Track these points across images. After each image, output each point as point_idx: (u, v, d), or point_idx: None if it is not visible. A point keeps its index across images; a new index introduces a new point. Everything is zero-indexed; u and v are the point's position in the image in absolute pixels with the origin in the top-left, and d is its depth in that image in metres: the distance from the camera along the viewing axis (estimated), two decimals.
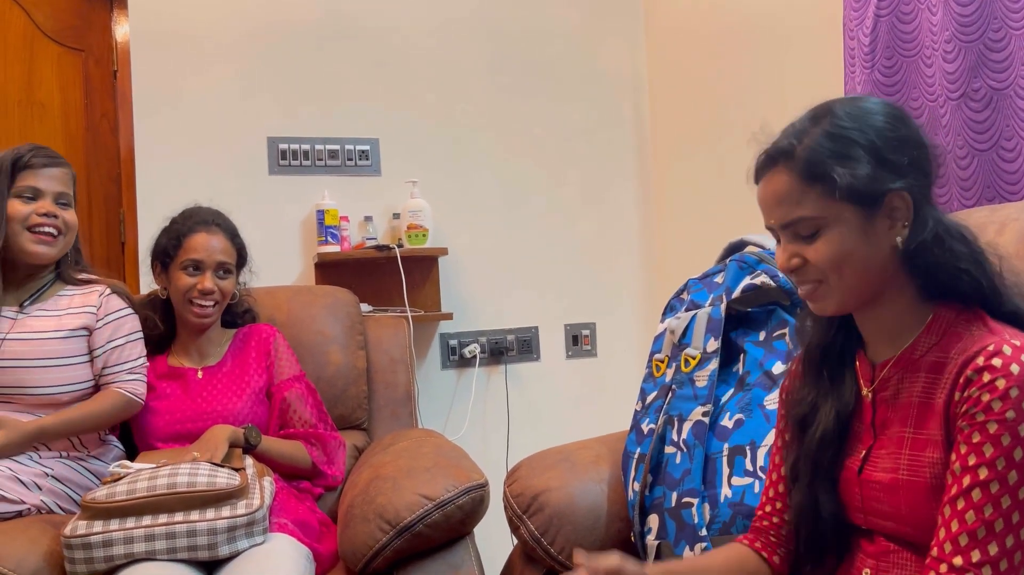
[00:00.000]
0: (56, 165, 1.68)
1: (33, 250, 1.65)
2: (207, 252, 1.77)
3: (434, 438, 1.86)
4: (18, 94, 2.39)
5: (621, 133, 2.89)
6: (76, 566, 1.35)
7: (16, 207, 1.63)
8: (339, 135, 2.59)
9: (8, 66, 2.37)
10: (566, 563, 1.46)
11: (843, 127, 0.95)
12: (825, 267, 0.96)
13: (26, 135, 2.38)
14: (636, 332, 2.87)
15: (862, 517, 1.01)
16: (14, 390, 1.63)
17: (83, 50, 2.51)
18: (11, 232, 1.62)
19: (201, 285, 1.75)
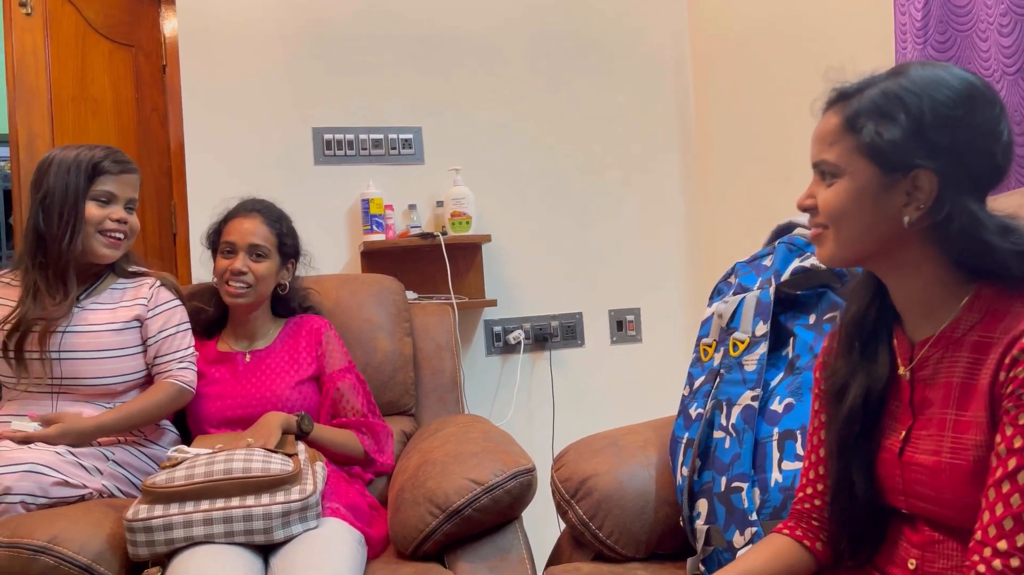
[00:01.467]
0: (129, 171, 1.74)
1: (102, 252, 1.71)
2: (240, 234, 1.83)
3: (481, 423, 1.87)
4: (72, 90, 2.45)
5: (664, 115, 2.86)
6: (138, 548, 1.39)
7: (92, 210, 1.69)
8: (382, 124, 2.60)
9: (62, 63, 2.43)
10: (615, 547, 1.47)
11: (903, 88, 0.93)
12: (827, 214, 0.97)
13: (80, 130, 2.45)
14: (681, 317, 2.85)
15: (904, 500, 0.99)
16: (71, 381, 1.68)
17: (133, 45, 2.57)
18: (84, 233, 1.68)
19: (232, 266, 1.81)
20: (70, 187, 1.67)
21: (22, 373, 1.65)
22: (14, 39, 2.32)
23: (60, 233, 1.66)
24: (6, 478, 1.43)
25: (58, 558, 1.34)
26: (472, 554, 1.51)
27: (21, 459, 1.47)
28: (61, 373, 1.67)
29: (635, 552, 1.47)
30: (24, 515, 1.42)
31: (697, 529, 1.37)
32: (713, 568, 1.33)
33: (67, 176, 1.68)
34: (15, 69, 2.30)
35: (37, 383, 1.67)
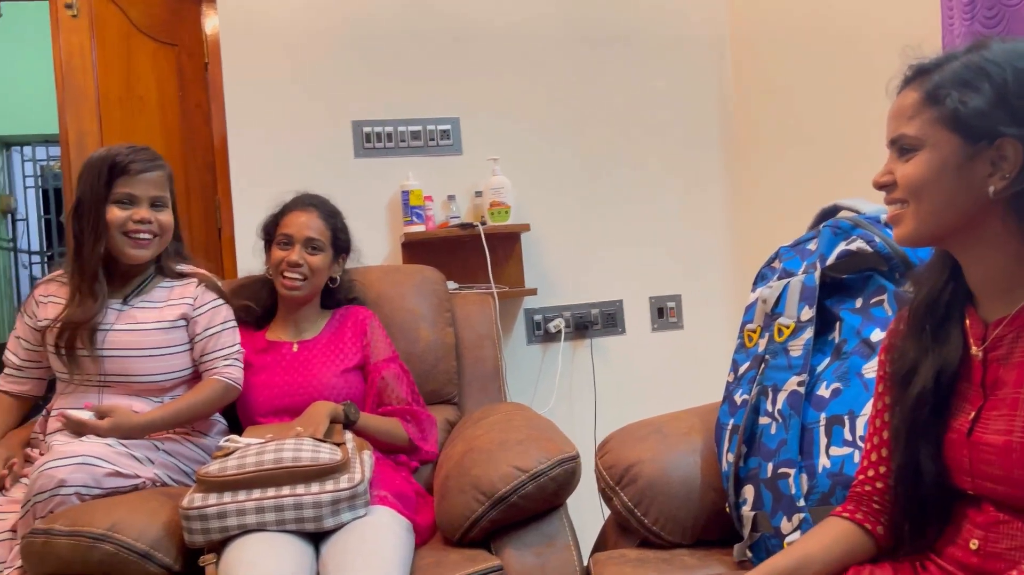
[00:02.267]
0: (151, 169, 1.72)
1: (130, 253, 1.72)
2: (297, 227, 1.86)
3: (524, 411, 1.88)
4: (119, 90, 2.50)
5: (704, 99, 2.83)
6: (194, 536, 1.43)
7: (114, 213, 1.69)
8: (421, 115, 2.62)
9: (108, 63, 2.49)
10: (660, 533, 1.47)
11: (986, 59, 0.92)
12: (907, 188, 0.95)
13: (127, 128, 2.50)
14: (723, 303, 2.83)
15: (970, 481, 0.98)
16: (120, 377, 1.72)
17: (176, 44, 2.61)
18: (109, 236, 1.70)
19: (289, 257, 1.84)
20: (93, 191, 1.69)
21: (74, 370, 1.70)
22: (61, 40, 2.38)
23: (88, 238, 1.69)
24: (60, 471, 1.47)
25: (118, 545, 1.38)
26: (518, 541, 1.53)
27: (74, 452, 1.51)
28: (110, 370, 1.71)
29: (681, 538, 1.47)
30: (84, 504, 1.47)
31: (743, 515, 1.37)
32: (761, 554, 1.32)
33: (91, 180, 1.69)
34: (63, 70, 2.36)
35: (88, 379, 1.72)
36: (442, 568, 1.45)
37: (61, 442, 1.60)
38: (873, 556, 1.10)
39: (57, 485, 1.46)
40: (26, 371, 1.81)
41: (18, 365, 1.80)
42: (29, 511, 1.49)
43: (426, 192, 2.54)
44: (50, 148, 5.15)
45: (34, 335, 1.77)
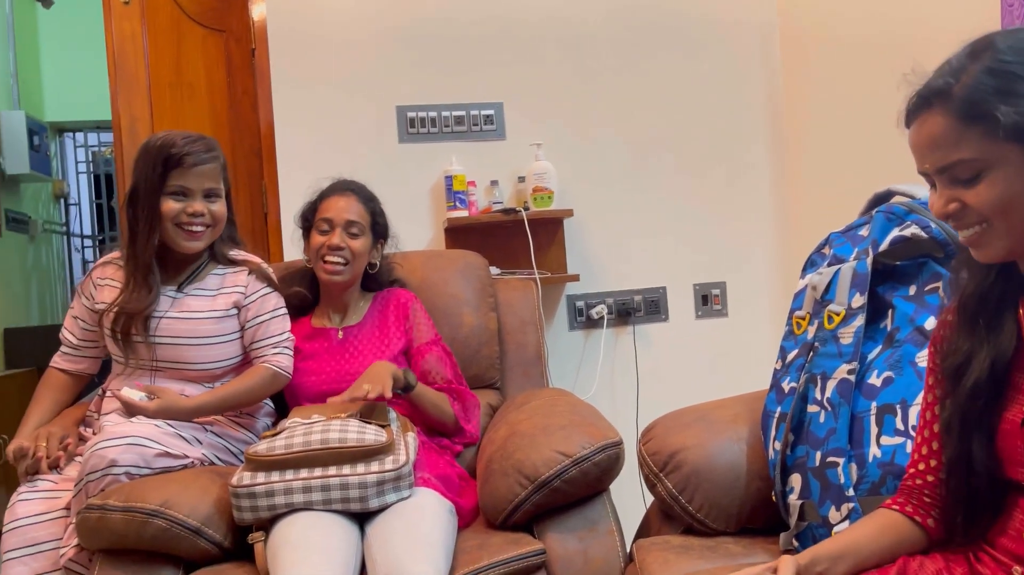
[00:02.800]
0: (206, 161, 1.72)
1: (183, 245, 1.74)
2: (336, 211, 1.87)
3: (567, 397, 1.88)
4: (169, 76, 2.55)
5: (751, 84, 2.79)
6: (243, 513, 1.45)
7: (168, 205, 1.70)
8: (464, 100, 2.62)
9: (160, 50, 2.53)
10: (705, 520, 1.46)
11: (1006, 61, 0.88)
12: (989, 212, 0.91)
13: (177, 115, 2.54)
14: (769, 291, 2.79)
15: None
16: (173, 364, 1.76)
17: (224, 31, 2.65)
18: (163, 228, 1.72)
19: (330, 241, 1.84)
20: (148, 182, 1.70)
21: (129, 354, 1.74)
22: (114, 28, 2.42)
23: (143, 228, 1.71)
24: (111, 451, 1.51)
25: (170, 521, 1.41)
26: (561, 525, 1.53)
27: (124, 433, 1.55)
28: (163, 356, 1.74)
29: (726, 526, 1.46)
30: (137, 481, 1.50)
31: (790, 504, 1.35)
32: (807, 543, 1.31)
33: (147, 170, 1.70)
34: (116, 57, 2.40)
35: (142, 364, 1.75)
36: (485, 550, 1.46)
37: (112, 422, 1.63)
38: (924, 548, 1.08)
39: (108, 465, 1.50)
40: (82, 350, 1.85)
41: (74, 344, 1.84)
42: (82, 490, 1.53)
43: (469, 177, 2.55)
44: (101, 134, 5.25)
45: (90, 316, 1.81)
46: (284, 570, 1.29)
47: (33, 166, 4.21)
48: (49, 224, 4.86)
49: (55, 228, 4.98)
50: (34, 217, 4.58)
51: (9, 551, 1.60)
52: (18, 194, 4.44)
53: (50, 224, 4.89)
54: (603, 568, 1.48)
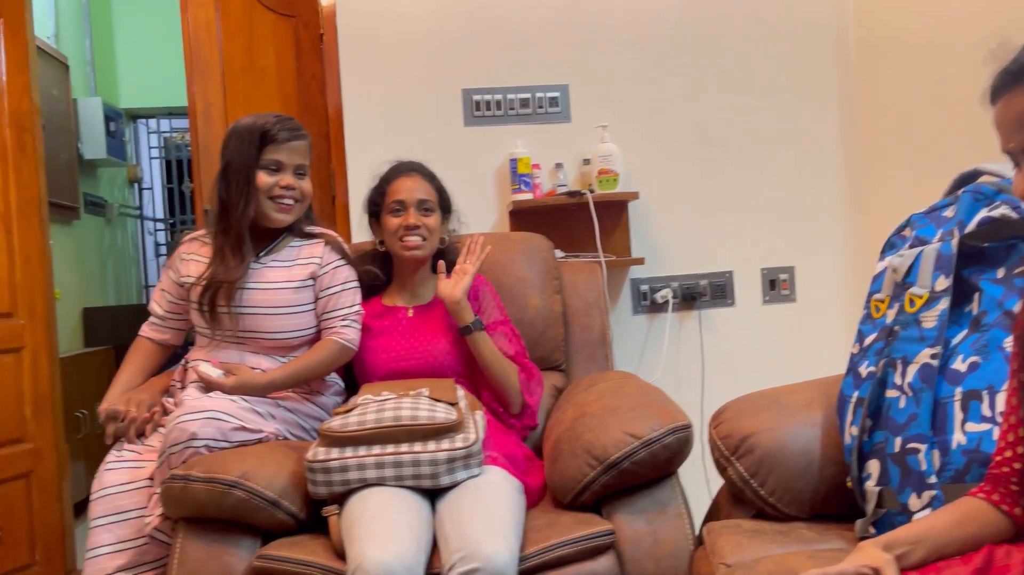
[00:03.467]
0: (297, 138, 1.82)
1: (276, 217, 1.82)
2: (407, 191, 1.90)
3: (635, 379, 1.88)
4: (242, 61, 2.60)
5: (822, 63, 2.71)
6: (317, 487, 1.49)
7: (262, 178, 1.79)
8: (529, 83, 2.61)
9: (232, 36, 2.58)
10: (777, 505, 1.44)
11: None
12: None
13: (249, 99, 2.60)
14: (839, 275, 2.73)
15: None
16: (251, 334, 1.81)
17: (293, 16, 2.69)
18: (257, 200, 1.79)
19: (406, 221, 1.88)
20: (243, 157, 1.78)
21: (214, 326, 1.79)
22: (190, 15, 2.48)
23: (237, 201, 1.78)
24: (191, 424, 1.56)
25: (249, 492, 1.46)
26: (629, 506, 1.53)
27: (203, 407, 1.60)
28: (245, 327, 1.80)
29: (798, 511, 1.44)
30: (217, 453, 1.55)
31: (867, 490, 1.32)
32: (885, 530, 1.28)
33: (241, 146, 1.79)
34: (191, 43, 2.46)
35: (226, 335, 1.81)
36: (554, 529, 1.47)
37: (192, 397, 1.69)
38: (1011, 537, 1.05)
39: (189, 438, 1.55)
40: (168, 322, 1.93)
41: (161, 315, 1.92)
42: (164, 461, 1.59)
43: (534, 160, 2.54)
44: (173, 120, 5.41)
45: (176, 289, 1.88)
46: (359, 543, 1.32)
47: (109, 151, 4.36)
48: (124, 208, 5.03)
49: (129, 211, 5.15)
50: (110, 201, 4.74)
51: (96, 519, 1.67)
52: (95, 178, 4.60)
53: (125, 208, 5.06)
54: (672, 550, 1.48)
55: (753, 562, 1.28)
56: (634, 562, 1.47)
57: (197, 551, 1.48)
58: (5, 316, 2.51)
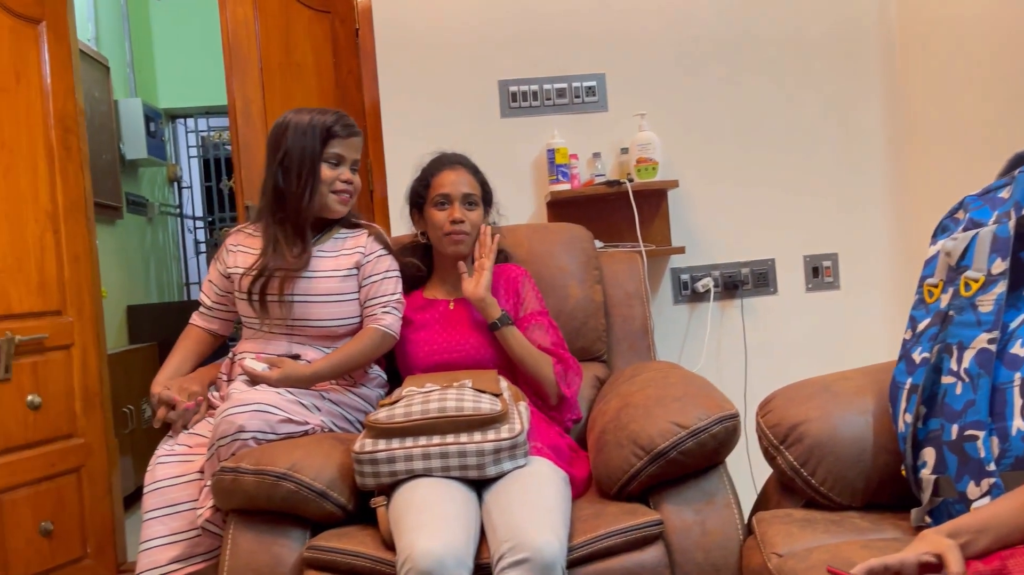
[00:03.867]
0: (354, 134, 1.87)
1: (336, 209, 1.86)
2: (452, 185, 1.90)
3: (679, 369, 1.86)
4: (279, 57, 2.61)
5: (864, 45, 2.66)
6: (365, 478, 1.50)
7: (325, 172, 1.83)
8: (566, 73, 2.60)
9: (269, 33, 2.60)
10: (828, 494, 1.42)
11: None
12: None
13: (287, 95, 2.62)
14: (884, 262, 2.68)
15: None
16: (300, 322, 1.83)
17: (329, 12, 2.70)
18: (319, 192, 1.83)
19: (451, 215, 1.88)
20: (307, 149, 1.81)
21: (264, 315, 1.82)
22: (228, 13, 2.50)
23: (299, 191, 1.81)
24: (239, 417, 1.58)
25: (298, 483, 1.47)
26: (677, 496, 1.51)
27: (250, 399, 1.62)
28: (295, 315, 1.82)
29: (851, 500, 1.42)
30: (266, 446, 1.57)
31: (923, 479, 1.30)
32: (941, 520, 1.25)
33: (303, 139, 1.82)
34: (230, 41, 2.48)
35: (276, 323, 1.83)
36: (602, 519, 1.46)
37: (239, 390, 1.71)
38: None
39: (237, 430, 1.58)
40: (215, 311, 1.97)
41: (209, 306, 1.97)
42: (214, 454, 1.61)
43: (571, 150, 2.53)
44: (210, 119, 5.48)
45: (223, 281, 1.92)
46: (409, 534, 1.32)
47: (150, 151, 4.43)
48: (164, 206, 5.11)
49: (169, 210, 5.23)
50: (151, 200, 4.82)
51: (149, 511, 1.70)
52: (136, 178, 4.68)
53: (165, 206, 5.14)
54: (721, 540, 1.47)
55: (805, 552, 1.26)
56: (683, 552, 1.46)
57: (248, 542, 1.50)
58: (54, 314, 2.57)
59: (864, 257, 2.67)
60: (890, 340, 2.66)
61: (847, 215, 2.67)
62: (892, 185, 2.68)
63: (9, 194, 2.42)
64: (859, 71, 2.66)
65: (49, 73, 2.60)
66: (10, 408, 2.37)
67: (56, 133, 2.61)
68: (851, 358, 2.56)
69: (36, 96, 2.55)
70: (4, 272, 2.38)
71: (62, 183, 2.62)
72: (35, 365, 2.46)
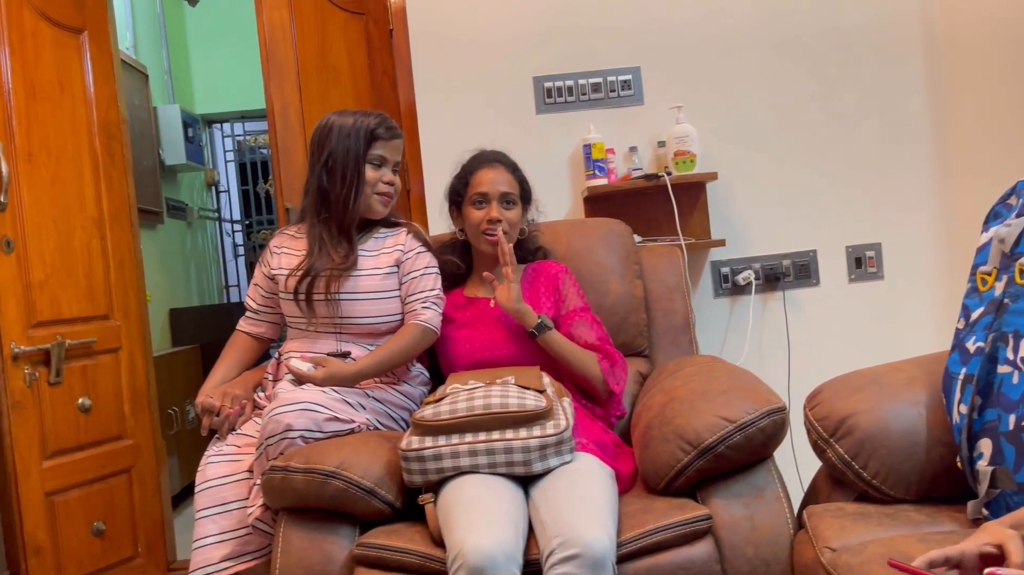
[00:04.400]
0: (396, 136, 1.90)
1: (378, 209, 1.89)
2: (490, 184, 1.90)
3: (723, 363, 1.84)
4: (315, 60, 2.64)
5: (906, 32, 2.61)
6: (412, 476, 1.51)
7: (369, 173, 1.86)
8: (601, 67, 2.59)
9: (305, 36, 2.62)
10: (881, 487, 1.40)
11: None
12: None
13: (323, 98, 2.64)
14: (930, 251, 2.63)
15: None
16: (345, 320, 1.85)
17: (363, 13, 2.72)
18: (364, 193, 1.86)
19: (488, 215, 1.88)
20: (351, 151, 1.84)
21: (310, 314, 1.84)
22: (265, 17, 2.53)
23: (344, 192, 1.84)
24: (286, 416, 1.60)
25: (346, 481, 1.48)
26: (725, 491, 1.50)
27: (297, 399, 1.64)
28: (341, 313, 1.84)
29: (904, 493, 1.40)
30: (314, 444, 1.58)
31: (979, 470, 1.27)
32: (999, 512, 1.23)
33: (348, 141, 1.84)
34: (267, 45, 2.51)
35: (322, 322, 1.86)
36: (650, 515, 1.46)
37: (285, 390, 1.73)
38: None
39: (285, 429, 1.60)
40: (262, 315, 2.00)
41: (255, 309, 1.99)
42: (262, 453, 1.63)
43: (607, 145, 2.52)
44: (246, 124, 5.54)
45: (268, 283, 1.95)
46: (458, 531, 1.33)
47: (188, 156, 4.50)
48: (203, 210, 5.19)
49: (208, 214, 5.30)
50: (190, 204, 4.89)
51: (201, 510, 1.73)
52: (176, 183, 4.75)
53: (204, 210, 5.21)
54: (771, 535, 1.45)
55: (859, 546, 1.24)
56: (732, 547, 1.44)
57: (299, 540, 1.51)
58: (102, 318, 2.62)
59: (909, 246, 2.63)
60: (938, 330, 2.62)
61: (890, 204, 2.62)
62: (936, 172, 2.63)
63: (57, 202, 2.47)
64: (900, 59, 2.61)
65: (92, 82, 2.65)
66: (62, 411, 2.42)
67: (100, 141, 2.66)
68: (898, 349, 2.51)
69: (80, 105, 2.60)
70: (54, 278, 2.43)
71: (107, 190, 2.67)
72: (85, 369, 2.52)
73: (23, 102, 2.38)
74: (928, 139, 2.62)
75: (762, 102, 2.61)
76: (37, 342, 2.35)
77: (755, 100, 2.61)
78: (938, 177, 2.62)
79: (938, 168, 2.62)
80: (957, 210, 2.60)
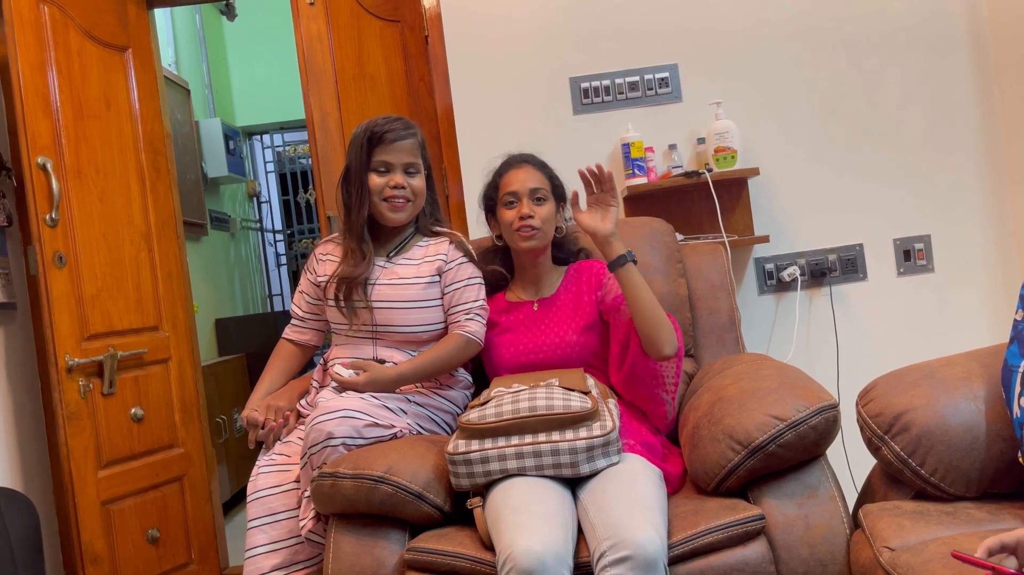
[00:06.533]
0: (404, 137, 1.86)
1: (389, 216, 1.88)
2: (519, 183, 1.90)
3: (770, 361, 1.81)
4: (352, 69, 2.66)
5: (950, 18, 2.55)
6: (460, 479, 1.51)
7: (374, 180, 1.86)
8: (637, 65, 2.57)
9: (342, 45, 2.65)
10: (940, 485, 1.37)
11: None
12: None
13: (361, 106, 2.66)
14: (980, 241, 2.56)
15: None
16: (385, 328, 1.87)
17: (399, 21, 2.73)
18: (371, 202, 1.87)
19: (520, 212, 1.87)
20: (357, 161, 1.87)
21: (352, 319, 1.87)
22: (303, 29, 2.56)
23: (354, 202, 1.87)
24: (327, 424, 1.61)
25: (395, 486, 1.49)
26: (777, 490, 1.48)
27: (337, 407, 1.65)
28: (379, 320, 1.86)
29: (964, 491, 1.36)
30: (361, 450, 1.59)
31: None
32: None
33: (352, 150, 1.87)
34: (306, 56, 2.54)
35: (363, 328, 1.88)
36: (701, 515, 1.44)
37: (325, 398, 1.74)
38: None
39: (326, 437, 1.61)
40: (308, 322, 2.02)
41: (301, 316, 2.02)
42: (307, 462, 1.65)
43: (646, 143, 2.50)
44: (285, 135, 5.62)
45: (314, 290, 1.97)
46: (508, 534, 1.32)
47: (230, 169, 4.58)
48: (245, 221, 5.27)
49: (250, 225, 5.39)
50: (232, 215, 4.98)
51: (252, 520, 1.75)
52: (218, 195, 4.84)
53: (246, 221, 5.30)
54: (826, 535, 1.42)
55: (920, 545, 1.21)
56: (787, 548, 1.42)
57: (350, 545, 1.52)
58: (152, 329, 2.67)
59: (959, 237, 2.56)
60: (991, 323, 2.55)
61: (938, 196, 2.56)
62: (987, 160, 2.56)
63: (107, 216, 2.53)
64: (946, 49, 2.55)
65: (137, 99, 2.71)
66: (116, 421, 2.48)
67: (146, 156, 2.71)
68: (950, 343, 2.46)
69: (126, 121, 2.66)
70: (105, 291, 2.49)
71: (153, 203, 2.72)
72: (136, 379, 2.57)
73: (71, 120, 2.44)
74: (975, 127, 2.56)
75: (802, 95, 2.57)
76: (90, 354, 2.40)
77: (795, 93, 2.57)
78: (987, 165, 2.56)
79: (987, 156, 2.56)
80: (1008, 197, 2.53)
